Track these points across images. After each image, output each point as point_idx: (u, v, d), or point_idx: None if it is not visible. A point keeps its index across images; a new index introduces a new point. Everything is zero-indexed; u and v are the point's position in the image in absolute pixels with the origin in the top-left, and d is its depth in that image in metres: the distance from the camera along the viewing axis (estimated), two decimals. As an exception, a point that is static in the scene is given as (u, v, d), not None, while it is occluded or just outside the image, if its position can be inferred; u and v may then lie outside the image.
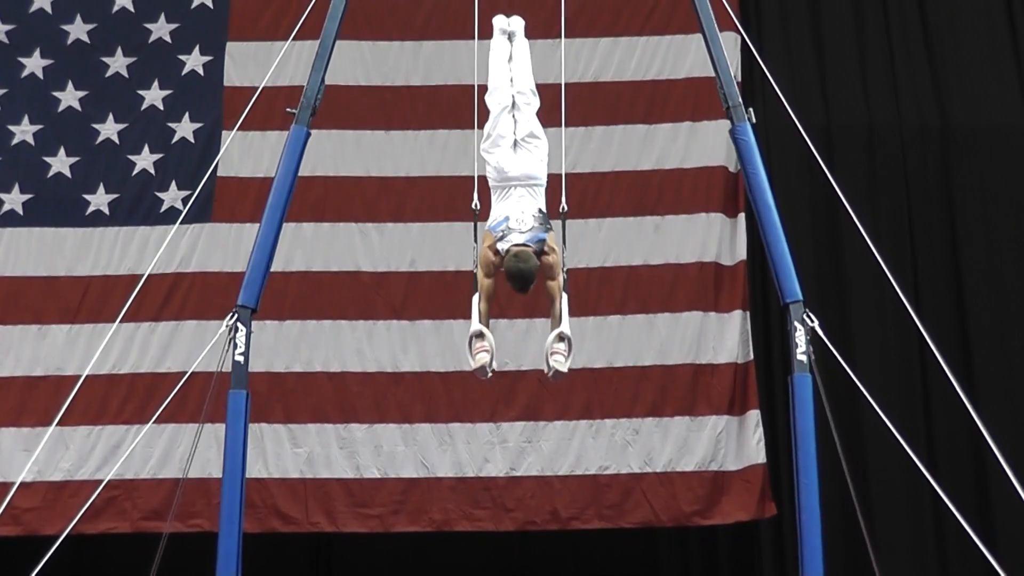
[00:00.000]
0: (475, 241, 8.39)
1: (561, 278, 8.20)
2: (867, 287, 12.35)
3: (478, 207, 8.52)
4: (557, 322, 8.13)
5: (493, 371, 8.07)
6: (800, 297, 8.03)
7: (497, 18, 9.22)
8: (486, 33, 12.31)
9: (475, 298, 8.18)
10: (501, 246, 8.07)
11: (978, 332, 12.57)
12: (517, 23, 9.20)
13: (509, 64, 8.88)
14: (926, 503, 11.87)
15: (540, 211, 8.26)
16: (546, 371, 8.07)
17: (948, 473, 11.64)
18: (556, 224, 8.44)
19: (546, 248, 8.10)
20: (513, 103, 8.61)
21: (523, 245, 8.02)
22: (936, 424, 12.33)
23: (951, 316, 12.57)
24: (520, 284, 8.02)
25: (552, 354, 8.03)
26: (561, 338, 8.04)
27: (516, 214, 8.17)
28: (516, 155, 8.41)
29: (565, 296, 8.19)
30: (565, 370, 8.05)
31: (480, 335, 8.01)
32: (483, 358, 8.01)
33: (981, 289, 12.70)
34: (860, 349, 12.14)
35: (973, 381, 12.06)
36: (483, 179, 8.53)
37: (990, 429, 8.16)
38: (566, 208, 8.74)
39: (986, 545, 7.92)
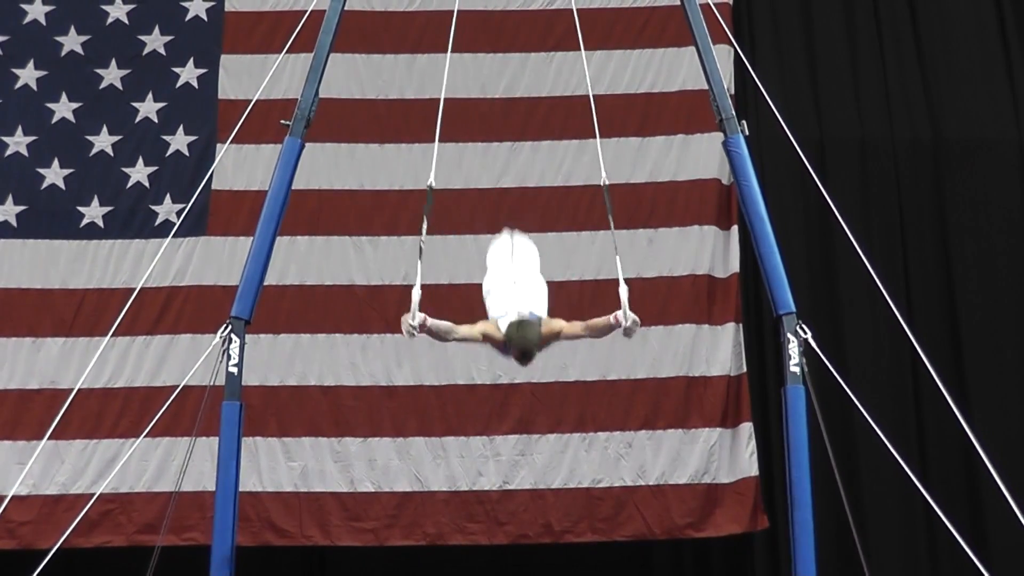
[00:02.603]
0: (419, 262, 8.48)
1: (565, 324, 8.24)
2: (860, 299, 12.37)
3: (433, 184, 8.73)
4: (603, 327, 8.30)
5: (412, 334, 8.09)
6: (793, 309, 8.06)
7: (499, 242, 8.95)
8: (478, 48, 12.38)
9: (467, 327, 8.24)
10: (503, 323, 8.12)
11: (970, 344, 12.58)
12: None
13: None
14: (918, 514, 11.87)
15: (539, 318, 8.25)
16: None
17: (940, 483, 11.65)
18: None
19: (543, 323, 8.14)
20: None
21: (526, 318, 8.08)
22: (928, 435, 12.34)
23: (943, 328, 12.59)
24: (522, 356, 8.09)
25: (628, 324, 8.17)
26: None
27: (519, 309, 8.20)
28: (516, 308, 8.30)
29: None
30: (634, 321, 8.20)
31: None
32: (421, 316, 8.07)
33: (973, 301, 12.72)
34: (853, 361, 12.15)
35: (965, 392, 12.07)
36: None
37: (981, 440, 8.19)
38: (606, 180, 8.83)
39: (978, 555, 7.95)
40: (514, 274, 8.42)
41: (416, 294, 8.10)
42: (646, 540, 12.22)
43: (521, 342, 8.00)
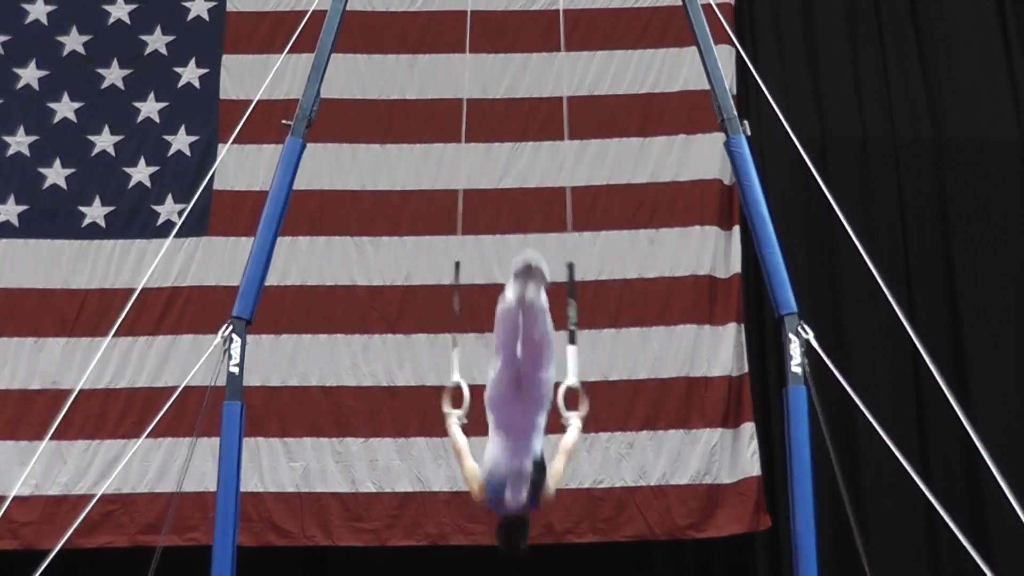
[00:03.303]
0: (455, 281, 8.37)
1: (561, 466, 7.74)
2: (861, 299, 12.37)
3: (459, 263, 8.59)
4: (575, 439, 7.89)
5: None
6: (795, 309, 8.05)
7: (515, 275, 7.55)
8: (480, 48, 12.37)
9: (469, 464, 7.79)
10: (492, 509, 7.54)
11: (971, 343, 12.58)
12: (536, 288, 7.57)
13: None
14: (920, 513, 11.86)
15: (536, 465, 7.46)
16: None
17: (942, 483, 11.63)
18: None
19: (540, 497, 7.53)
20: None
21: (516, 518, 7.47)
22: (930, 435, 12.34)
23: (945, 327, 12.59)
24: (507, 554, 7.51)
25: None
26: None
27: (513, 477, 7.39)
28: (516, 407, 7.63)
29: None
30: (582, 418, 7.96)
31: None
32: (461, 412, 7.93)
33: (975, 301, 12.72)
34: (854, 360, 12.14)
35: (967, 392, 12.05)
36: (469, 197, 8.48)
37: (984, 439, 8.18)
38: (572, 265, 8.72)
39: (980, 555, 7.94)
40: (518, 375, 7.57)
41: (459, 386, 7.98)
42: (647, 540, 12.21)
43: (508, 549, 7.47)
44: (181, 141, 12.81)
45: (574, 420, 7.93)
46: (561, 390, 7.98)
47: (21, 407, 12.16)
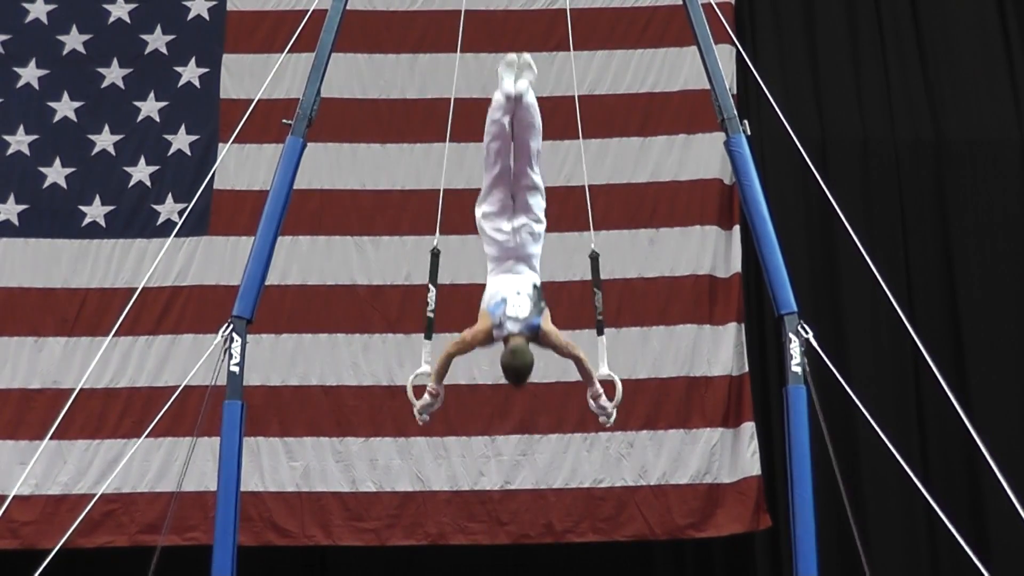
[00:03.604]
0: (430, 281, 8.58)
1: (564, 340, 8.11)
2: (862, 298, 12.38)
3: (439, 250, 8.71)
4: (591, 378, 8.24)
5: (427, 419, 8.29)
6: (795, 309, 8.04)
7: (504, 66, 8.16)
8: (479, 47, 12.36)
9: (444, 350, 8.18)
10: (496, 333, 7.92)
11: (972, 343, 12.59)
12: (525, 84, 8.05)
13: (511, 126, 8.08)
14: (920, 513, 11.87)
15: (535, 287, 8.06)
16: (601, 421, 8.32)
17: (942, 483, 11.66)
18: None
19: (541, 334, 7.96)
20: (512, 172, 8.15)
21: (518, 335, 7.86)
22: (930, 434, 12.35)
23: (945, 327, 12.60)
24: (516, 380, 7.93)
25: (599, 416, 8.24)
26: (596, 395, 8.29)
27: (512, 296, 7.94)
28: (510, 224, 8.18)
29: (601, 340, 8.43)
30: (613, 414, 8.34)
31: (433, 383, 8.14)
32: (428, 400, 8.19)
33: (975, 301, 12.73)
34: (855, 360, 12.16)
35: (967, 392, 12.08)
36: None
37: (984, 439, 8.18)
38: (596, 252, 8.90)
39: (980, 555, 7.94)
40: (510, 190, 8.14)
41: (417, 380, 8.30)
42: (647, 540, 12.22)
43: (515, 371, 7.85)
44: (181, 140, 12.81)
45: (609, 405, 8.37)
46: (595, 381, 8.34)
47: (21, 407, 12.17)
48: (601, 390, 8.41)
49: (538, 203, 8.21)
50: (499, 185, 8.15)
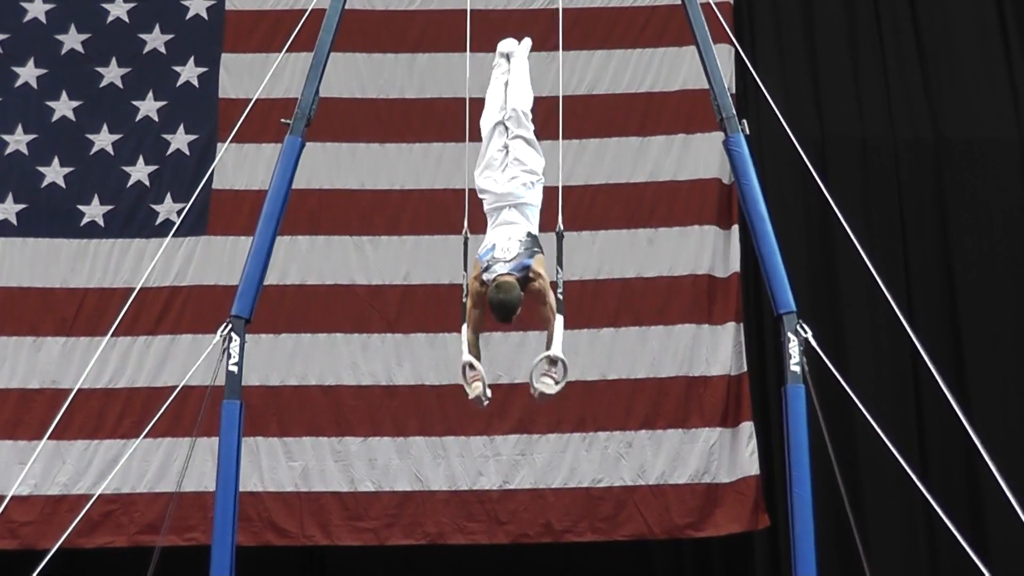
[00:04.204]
0: (464, 270, 8.31)
1: (552, 300, 8.01)
2: (860, 298, 12.38)
3: (468, 236, 8.46)
4: (548, 344, 8.05)
5: (489, 399, 7.95)
6: (794, 308, 8.04)
7: (503, 42, 9.13)
8: (478, 47, 12.37)
9: (464, 327, 8.08)
10: (486, 276, 7.97)
11: (971, 343, 12.59)
12: (516, 45, 9.10)
13: (505, 88, 8.79)
14: (919, 513, 11.88)
15: (529, 235, 8.15)
16: (532, 392, 7.95)
17: (941, 482, 11.67)
18: (550, 237, 8.34)
19: (531, 274, 7.96)
20: (505, 127, 8.56)
21: (506, 275, 7.90)
22: (929, 434, 12.35)
23: (944, 326, 12.60)
24: (502, 314, 7.90)
25: (541, 376, 7.94)
26: (553, 361, 7.90)
27: (502, 241, 8.08)
28: (504, 175, 8.39)
29: (560, 318, 8.00)
30: (553, 392, 7.92)
31: (471, 366, 7.94)
32: (478, 387, 7.93)
33: (974, 300, 12.73)
34: (853, 360, 12.16)
35: (966, 391, 12.08)
36: (474, 197, 8.53)
37: (982, 438, 8.18)
38: (562, 228, 8.59)
39: (979, 554, 7.93)
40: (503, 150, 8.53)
41: (473, 375, 7.98)
42: (646, 540, 12.23)
43: (499, 304, 7.85)
44: (180, 140, 12.81)
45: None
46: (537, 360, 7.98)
47: (20, 406, 12.17)
48: (552, 361, 8.00)
49: (530, 156, 8.47)
50: (492, 139, 8.55)
